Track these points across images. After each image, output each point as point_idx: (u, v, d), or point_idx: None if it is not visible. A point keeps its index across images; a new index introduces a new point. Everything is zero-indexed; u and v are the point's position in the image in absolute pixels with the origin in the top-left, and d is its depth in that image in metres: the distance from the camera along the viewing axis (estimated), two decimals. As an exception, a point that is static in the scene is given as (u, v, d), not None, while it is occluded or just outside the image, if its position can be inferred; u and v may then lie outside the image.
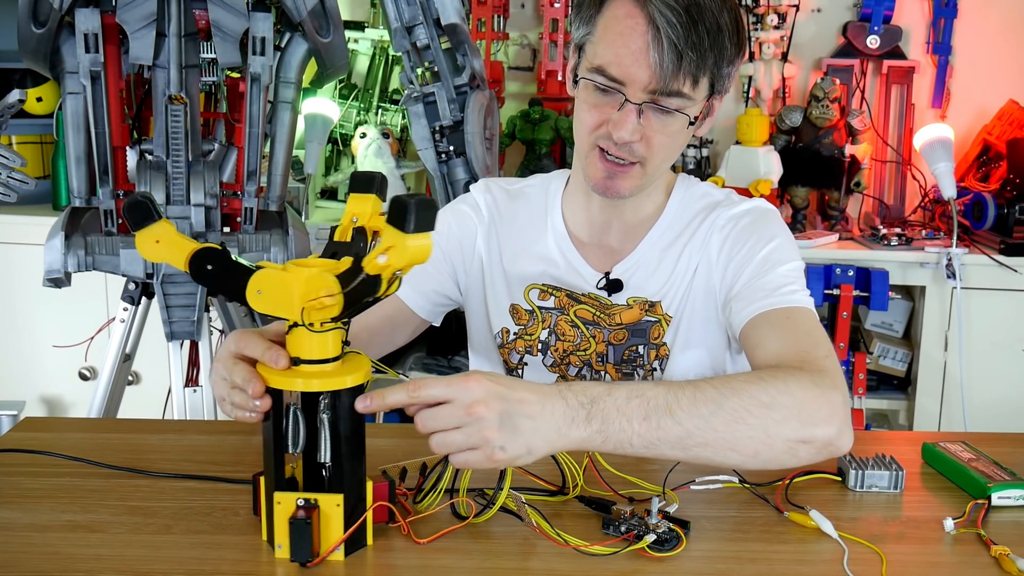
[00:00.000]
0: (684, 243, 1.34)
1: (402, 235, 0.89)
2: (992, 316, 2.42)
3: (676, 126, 1.22)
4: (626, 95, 1.18)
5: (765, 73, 2.76)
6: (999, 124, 2.69)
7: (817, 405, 1.04)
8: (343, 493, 0.94)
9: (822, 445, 1.03)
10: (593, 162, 1.25)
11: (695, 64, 1.16)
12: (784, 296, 1.22)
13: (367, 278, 0.92)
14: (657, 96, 1.18)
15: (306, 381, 0.93)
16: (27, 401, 2.76)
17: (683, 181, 1.39)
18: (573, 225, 1.38)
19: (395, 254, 0.90)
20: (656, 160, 1.25)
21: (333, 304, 0.90)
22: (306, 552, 0.92)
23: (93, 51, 1.86)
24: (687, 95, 1.19)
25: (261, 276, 0.92)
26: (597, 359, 1.35)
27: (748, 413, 1.00)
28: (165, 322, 1.98)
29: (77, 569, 0.93)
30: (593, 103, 1.22)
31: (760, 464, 1.03)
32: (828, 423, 1.03)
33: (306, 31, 1.98)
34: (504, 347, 1.39)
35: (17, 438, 1.26)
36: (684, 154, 2.79)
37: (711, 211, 1.34)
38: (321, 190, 2.92)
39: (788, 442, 1.02)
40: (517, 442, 0.94)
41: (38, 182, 2.20)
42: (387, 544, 0.98)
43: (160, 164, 1.93)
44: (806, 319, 1.20)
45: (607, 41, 1.19)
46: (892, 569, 0.94)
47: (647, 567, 0.94)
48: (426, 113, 2.26)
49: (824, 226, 2.66)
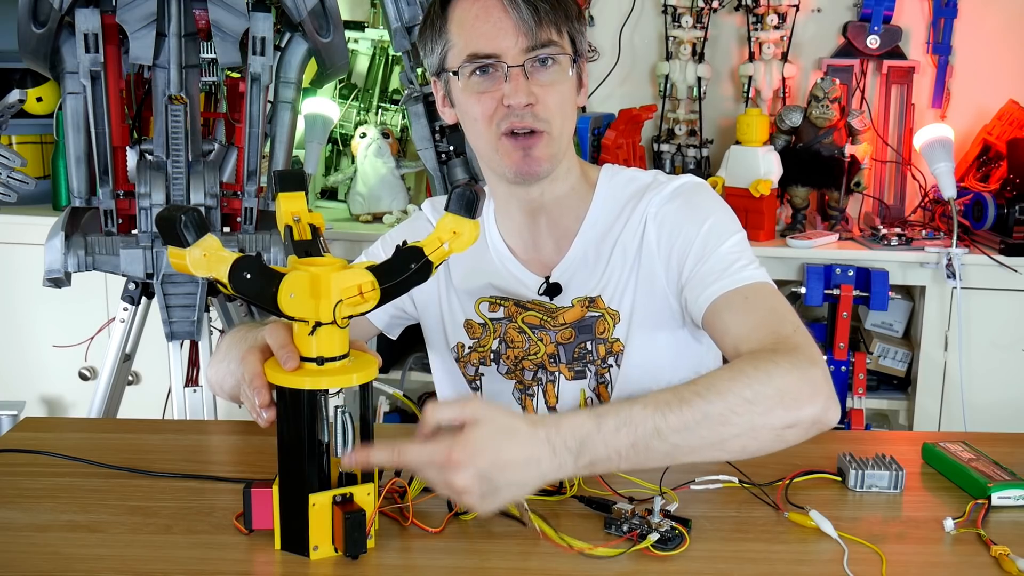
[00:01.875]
0: (617, 234, 1.33)
1: (466, 221, 0.97)
2: (992, 316, 2.42)
3: (561, 76, 1.26)
4: (506, 63, 1.23)
5: (765, 73, 2.76)
6: (999, 124, 2.69)
7: (799, 388, 1.04)
8: (373, 483, 0.97)
9: (809, 424, 1.05)
10: (505, 149, 1.27)
11: (551, 13, 1.24)
12: (736, 275, 1.22)
13: (423, 266, 0.97)
14: (533, 51, 1.23)
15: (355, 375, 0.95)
16: (27, 401, 2.76)
17: (607, 171, 1.39)
18: (509, 238, 1.39)
19: (458, 240, 0.98)
20: (557, 122, 1.27)
21: (372, 300, 0.94)
22: (362, 544, 0.94)
23: (93, 51, 1.86)
24: (558, 43, 1.25)
25: (292, 280, 0.93)
26: (549, 360, 1.35)
27: (733, 414, 1.01)
28: (165, 322, 1.98)
29: (77, 569, 0.93)
30: (479, 90, 1.26)
31: (748, 455, 1.05)
32: (812, 402, 1.04)
33: (306, 31, 1.98)
34: (460, 360, 1.41)
35: (17, 438, 1.26)
36: (684, 154, 2.79)
37: (640, 196, 1.34)
38: (321, 190, 2.92)
39: (774, 431, 1.03)
40: (498, 501, 0.95)
41: (38, 182, 2.20)
42: (388, 544, 0.98)
43: (160, 164, 1.93)
44: (765, 295, 1.20)
45: (467, 32, 1.25)
46: (892, 569, 0.94)
47: (648, 567, 0.94)
48: (426, 113, 2.26)
49: (824, 226, 2.65)
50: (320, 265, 0.94)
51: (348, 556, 0.94)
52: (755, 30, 2.73)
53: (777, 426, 1.03)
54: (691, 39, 2.75)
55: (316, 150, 2.56)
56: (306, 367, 0.95)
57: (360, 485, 0.96)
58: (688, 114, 2.80)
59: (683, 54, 2.75)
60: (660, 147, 2.81)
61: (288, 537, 0.96)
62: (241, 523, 1.01)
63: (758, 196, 2.46)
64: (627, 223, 1.33)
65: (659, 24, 2.79)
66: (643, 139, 2.77)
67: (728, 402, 1.01)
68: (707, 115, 2.80)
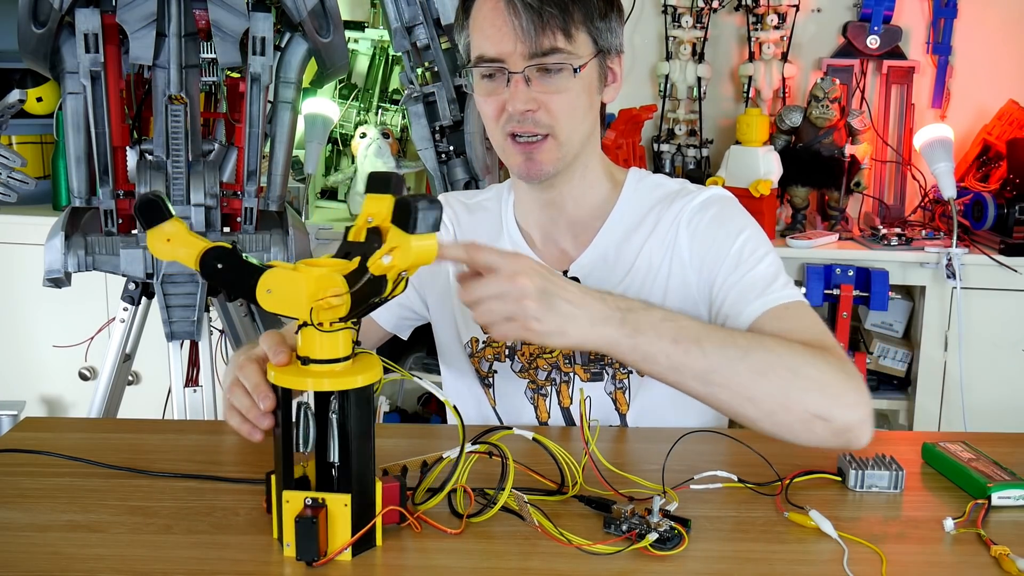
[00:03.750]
0: (644, 236, 1.33)
1: (406, 236, 0.90)
2: (992, 316, 2.42)
3: (565, 83, 1.24)
4: (508, 68, 1.23)
5: (765, 73, 2.76)
6: (999, 124, 2.69)
7: (845, 388, 1.08)
8: (351, 493, 0.94)
9: (841, 428, 1.08)
10: (509, 151, 1.28)
11: (559, 19, 1.21)
12: (778, 292, 1.23)
13: (372, 278, 0.92)
14: (534, 59, 1.22)
15: (316, 381, 0.93)
16: (27, 401, 2.76)
17: (635, 174, 1.39)
18: (527, 228, 1.39)
19: (399, 254, 0.91)
20: (564, 126, 1.26)
21: (340, 304, 0.90)
22: (311, 551, 0.92)
23: (93, 51, 1.86)
24: (564, 49, 1.22)
25: (271, 275, 0.92)
26: (564, 360, 1.35)
27: (772, 371, 1.07)
28: (165, 322, 1.98)
29: (77, 569, 0.93)
30: (486, 92, 1.27)
31: (774, 427, 1.08)
32: (853, 409, 1.08)
33: (306, 31, 1.98)
34: (474, 356, 1.39)
35: (17, 438, 1.26)
36: (684, 154, 2.79)
37: (670, 202, 1.34)
38: (321, 190, 2.92)
39: (808, 413, 1.07)
40: (552, 319, 1.02)
41: (38, 182, 2.20)
42: (392, 544, 0.98)
43: (160, 164, 1.93)
44: (806, 314, 1.23)
45: (477, 30, 1.25)
46: (892, 569, 0.94)
47: (648, 566, 0.94)
48: (426, 113, 2.26)
49: (824, 226, 2.66)
50: (320, 266, 0.93)
51: (299, 559, 0.93)
52: (755, 30, 2.73)
53: (810, 410, 1.06)
54: (691, 39, 2.75)
55: (316, 150, 2.57)
56: (301, 369, 0.95)
57: (338, 494, 0.94)
58: (688, 114, 2.80)
59: (683, 54, 2.75)
60: (660, 147, 2.81)
61: (279, 529, 0.97)
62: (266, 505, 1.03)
63: (758, 196, 2.46)
64: (655, 228, 1.33)
65: (659, 24, 2.80)
66: (643, 139, 2.77)
67: (770, 358, 1.07)
68: (707, 115, 2.80)
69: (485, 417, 1.40)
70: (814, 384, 1.07)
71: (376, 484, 0.97)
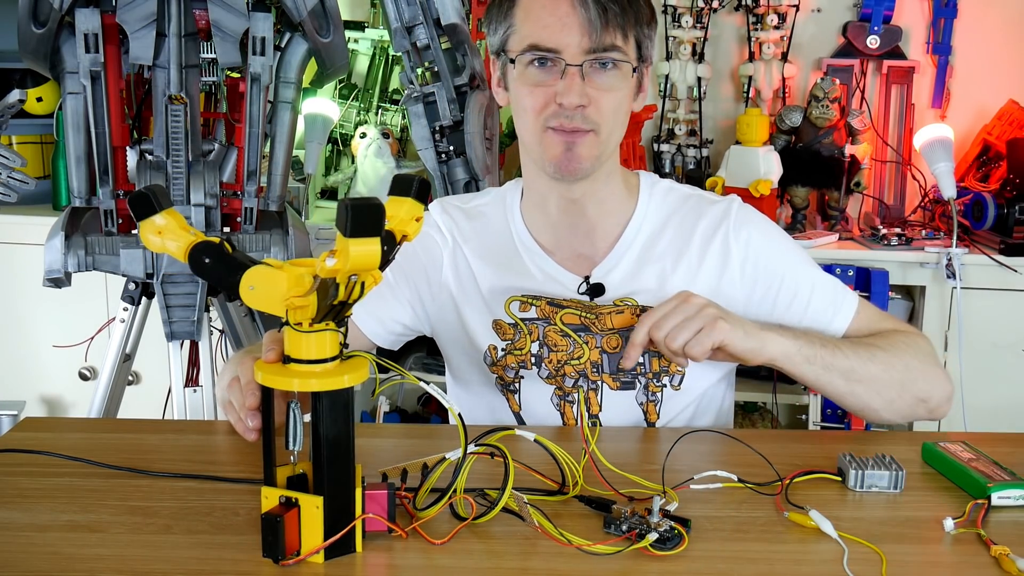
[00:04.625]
0: (668, 240, 1.33)
1: (345, 239, 0.88)
2: (992, 316, 2.42)
3: (618, 81, 1.24)
4: (565, 60, 1.21)
5: (765, 73, 2.76)
6: (999, 124, 2.69)
7: (937, 370, 1.32)
8: (323, 496, 0.93)
9: (936, 404, 1.30)
10: (549, 142, 1.26)
11: (620, 16, 1.22)
12: (845, 305, 1.35)
13: (323, 282, 0.91)
14: (594, 54, 1.21)
15: (286, 380, 0.92)
16: (27, 401, 2.76)
17: (647, 178, 1.39)
18: (539, 235, 1.37)
19: (340, 258, 0.89)
20: (608, 126, 1.25)
21: (305, 304, 0.90)
22: (276, 550, 0.92)
23: (93, 51, 1.86)
24: (621, 48, 1.23)
25: (254, 272, 0.92)
26: (592, 369, 1.33)
27: (892, 367, 1.26)
28: (165, 322, 1.98)
29: (77, 569, 0.93)
30: (534, 82, 1.25)
31: (890, 413, 1.29)
32: (944, 387, 1.31)
33: (306, 31, 1.98)
34: (496, 365, 1.36)
35: (17, 438, 1.26)
36: (684, 154, 2.79)
37: (696, 206, 1.35)
38: (321, 190, 2.92)
39: (915, 397, 1.28)
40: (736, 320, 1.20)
41: (38, 182, 2.20)
42: (387, 544, 0.98)
43: (160, 164, 1.93)
44: (870, 309, 1.38)
45: (532, 20, 1.23)
46: (892, 569, 0.94)
47: (648, 567, 0.94)
48: (426, 113, 2.26)
49: (824, 226, 2.66)
50: (303, 266, 0.93)
51: (264, 556, 0.93)
52: (755, 30, 2.73)
53: (918, 395, 1.29)
54: (691, 39, 2.75)
55: (316, 150, 2.57)
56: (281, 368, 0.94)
57: (311, 495, 0.93)
58: (688, 114, 2.80)
59: (683, 54, 2.75)
60: (660, 147, 2.81)
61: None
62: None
63: (758, 196, 2.46)
64: (690, 240, 1.33)
65: (659, 24, 2.79)
66: (643, 139, 2.77)
67: (889, 356, 1.28)
68: (707, 115, 2.80)
69: (501, 424, 1.38)
70: (919, 373, 1.28)
71: (356, 489, 0.95)
